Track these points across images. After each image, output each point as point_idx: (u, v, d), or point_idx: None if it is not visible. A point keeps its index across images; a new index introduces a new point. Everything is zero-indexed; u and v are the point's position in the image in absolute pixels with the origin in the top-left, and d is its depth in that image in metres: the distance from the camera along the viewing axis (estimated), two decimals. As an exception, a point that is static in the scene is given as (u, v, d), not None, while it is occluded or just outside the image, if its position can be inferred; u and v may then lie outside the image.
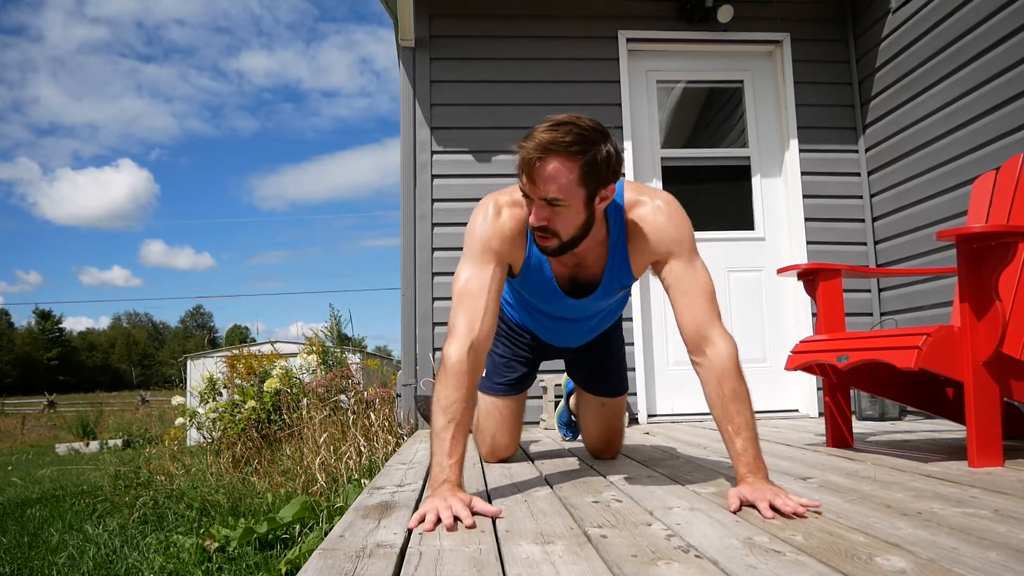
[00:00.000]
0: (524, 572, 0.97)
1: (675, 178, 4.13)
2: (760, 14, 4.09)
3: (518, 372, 2.10)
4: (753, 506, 1.31)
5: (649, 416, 3.86)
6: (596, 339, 2.07)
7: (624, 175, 1.50)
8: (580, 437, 2.58)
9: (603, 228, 1.61)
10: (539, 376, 2.98)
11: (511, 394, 2.11)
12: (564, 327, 1.95)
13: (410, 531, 1.23)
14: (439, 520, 1.25)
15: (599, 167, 1.42)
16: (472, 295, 1.52)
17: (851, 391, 2.66)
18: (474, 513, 1.30)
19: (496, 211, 1.58)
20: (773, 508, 1.27)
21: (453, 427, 1.41)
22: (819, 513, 1.29)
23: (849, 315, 2.92)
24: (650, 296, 3.98)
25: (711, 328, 1.51)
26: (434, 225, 3.89)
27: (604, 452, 2.20)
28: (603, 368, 2.13)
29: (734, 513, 1.31)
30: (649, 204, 1.61)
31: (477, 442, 2.22)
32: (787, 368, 2.26)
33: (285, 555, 2.10)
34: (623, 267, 1.66)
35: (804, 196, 4.01)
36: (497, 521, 1.29)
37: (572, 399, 2.65)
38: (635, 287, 3.65)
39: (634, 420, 3.81)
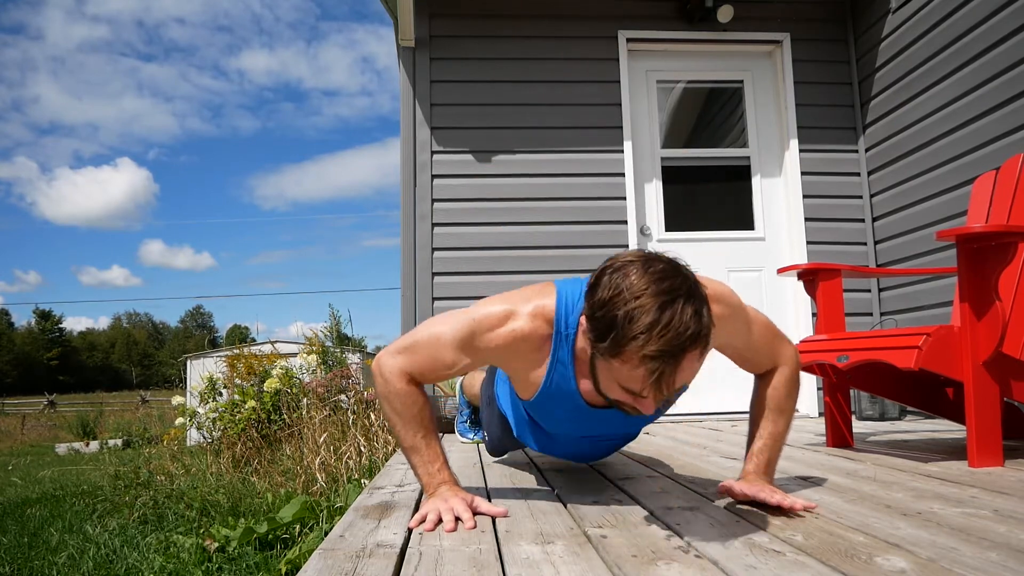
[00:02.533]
0: (524, 572, 0.97)
1: (675, 178, 4.13)
2: (760, 14, 4.09)
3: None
4: (751, 501, 1.31)
5: (649, 416, 3.86)
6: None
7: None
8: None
9: None
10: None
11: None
12: (586, 445, 1.67)
13: (410, 531, 1.23)
14: (440, 521, 1.25)
15: (711, 329, 1.11)
16: (432, 362, 1.36)
17: (851, 391, 2.66)
18: (476, 513, 1.30)
19: (518, 335, 1.31)
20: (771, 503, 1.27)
21: (423, 436, 1.38)
22: (813, 510, 1.29)
23: (849, 315, 2.91)
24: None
25: (775, 361, 1.49)
26: (434, 225, 3.89)
27: None
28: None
29: (718, 496, 1.33)
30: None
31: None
32: (787, 368, 2.26)
33: (285, 555, 2.10)
34: None
35: (804, 196, 4.01)
36: (497, 521, 1.29)
37: None
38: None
39: (634, 420, 3.81)
